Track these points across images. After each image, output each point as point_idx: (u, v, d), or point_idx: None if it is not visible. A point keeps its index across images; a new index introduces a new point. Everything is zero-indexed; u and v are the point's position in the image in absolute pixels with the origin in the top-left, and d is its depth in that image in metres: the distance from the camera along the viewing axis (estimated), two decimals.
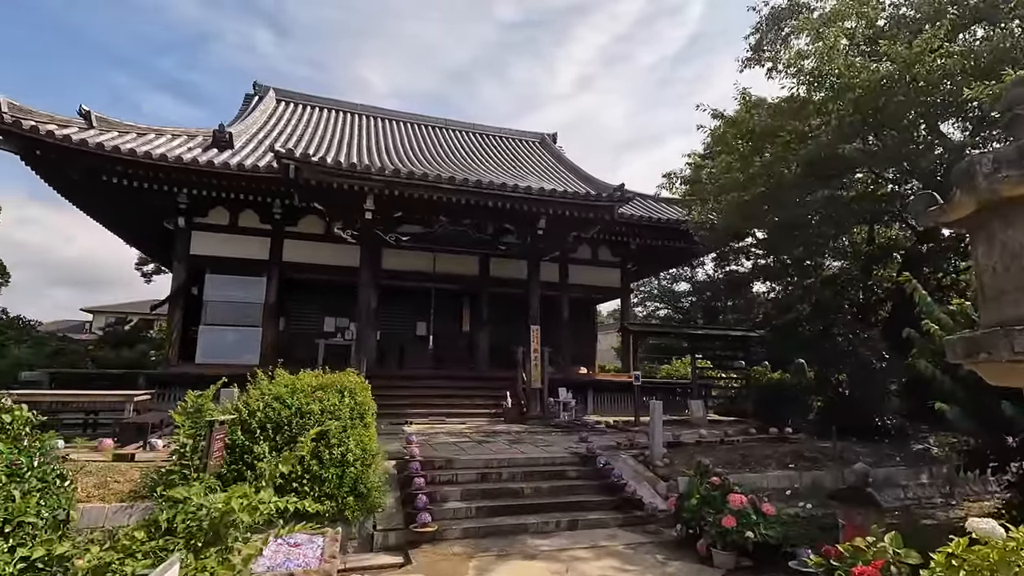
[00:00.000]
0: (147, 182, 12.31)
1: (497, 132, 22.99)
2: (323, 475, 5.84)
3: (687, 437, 10.07)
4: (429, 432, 10.72)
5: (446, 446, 8.96)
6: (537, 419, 12.64)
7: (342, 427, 6.14)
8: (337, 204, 11.93)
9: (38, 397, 8.10)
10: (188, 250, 13.99)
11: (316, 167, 10.63)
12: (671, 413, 15.38)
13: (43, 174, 12.02)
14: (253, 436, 5.82)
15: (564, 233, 13.62)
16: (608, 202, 12.45)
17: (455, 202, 11.64)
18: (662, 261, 19.05)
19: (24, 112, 11.15)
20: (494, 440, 9.80)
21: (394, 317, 17.51)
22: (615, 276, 17.83)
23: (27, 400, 8.58)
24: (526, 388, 13.26)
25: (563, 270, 17.03)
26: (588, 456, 8.21)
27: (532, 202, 12.07)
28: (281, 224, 14.67)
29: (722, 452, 9.06)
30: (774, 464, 8.58)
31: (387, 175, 11.02)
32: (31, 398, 8.48)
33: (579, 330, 18.84)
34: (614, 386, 15.76)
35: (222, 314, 14.17)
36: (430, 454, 8.05)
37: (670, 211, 16.80)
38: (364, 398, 6.58)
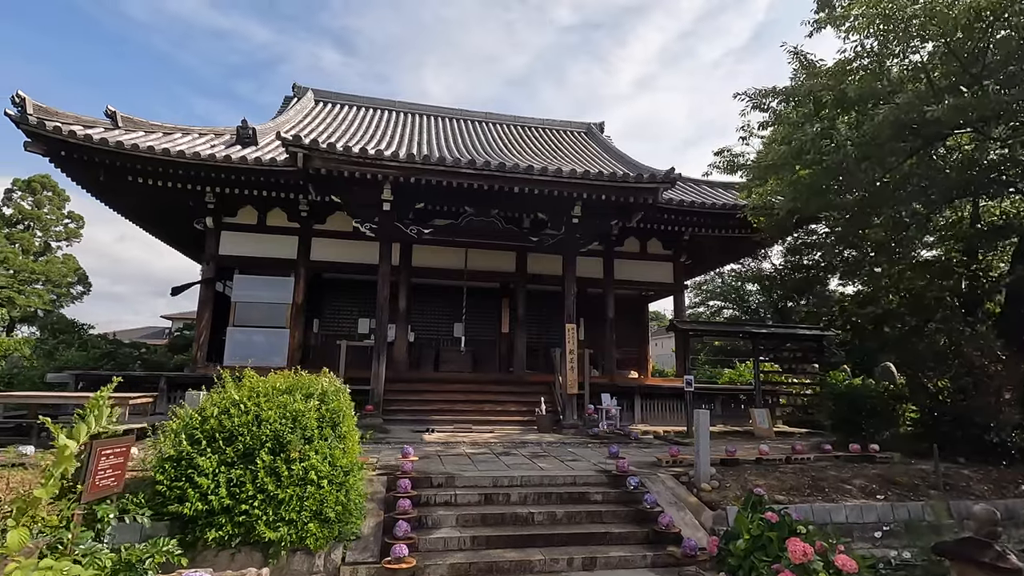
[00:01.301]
0: (170, 180, 12.10)
1: (540, 124, 21.82)
2: (280, 496, 4.90)
3: (745, 453, 8.48)
4: (449, 441, 9.71)
5: (458, 459, 7.88)
6: (573, 428, 11.34)
7: (305, 438, 5.19)
8: (354, 195, 11.19)
9: (17, 399, 7.74)
10: (217, 250, 13.75)
11: (325, 154, 9.90)
12: (731, 423, 13.65)
13: (72, 176, 12.06)
14: (200, 448, 4.97)
15: (603, 221, 12.26)
16: (650, 184, 11.01)
17: (476, 188, 10.60)
18: (720, 253, 17.16)
19: (50, 114, 11.16)
20: (515, 453, 8.63)
21: (427, 317, 16.76)
22: (666, 271, 16.18)
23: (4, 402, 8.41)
24: (562, 394, 11.98)
25: (607, 265, 15.62)
26: (618, 475, 6.88)
27: (563, 186, 10.83)
28: (309, 222, 14.19)
29: (787, 474, 7.44)
30: (855, 491, 6.89)
31: (401, 160, 10.14)
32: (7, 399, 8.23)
33: (627, 330, 17.36)
34: (666, 392, 14.16)
35: (250, 315, 13.83)
36: (433, 468, 7.00)
37: (726, 196, 15.02)
38: (339, 404, 5.61)
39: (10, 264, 32.33)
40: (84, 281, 36.27)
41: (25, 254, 33.79)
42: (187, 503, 4.73)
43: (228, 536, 4.74)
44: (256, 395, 5.36)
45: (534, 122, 21.71)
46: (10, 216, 34.03)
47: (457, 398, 12.46)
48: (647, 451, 9.30)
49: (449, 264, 14.75)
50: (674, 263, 16.14)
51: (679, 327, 12.66)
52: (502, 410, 12.29)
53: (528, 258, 15.12)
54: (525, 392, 13.10)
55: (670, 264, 16.18)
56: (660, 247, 16.17)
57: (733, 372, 19.02)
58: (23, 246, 33.95)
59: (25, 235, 34.26)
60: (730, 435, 12.13)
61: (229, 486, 4.85)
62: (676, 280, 16.10)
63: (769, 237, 13.29)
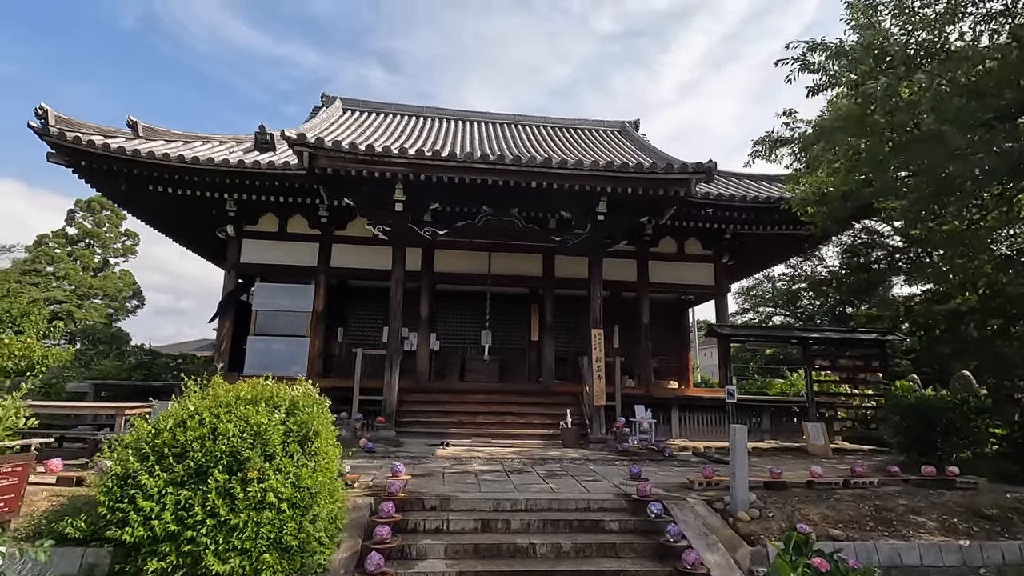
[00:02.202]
0: (188, 188, 12.02)
1: (571, 124, 21.02)
2: (232, 521, 4.28)
3: (795, 474, 7.35)
4: (462, 457, 8.97)
5: (462, 477, 7.13)
6: (601, 444, 10.39)
7: (266, 455, 4.56)
8: (366, 197, 10.74)
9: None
10: (238, 258, 13.62)
11: (331, 152, 9.47)
12: (782, 439, 12.34)
13: (96, 186, 12.17)
14: (147, 464, 4.42)
15: (631, 219, 11.34)
16: (681, 175, 10.03)
17: (491, 185, 9.92)
18: (766, 253, 15.82)
19: (72, 125, 11.26)
20: (529, 471, 7.79)
21: (452, 325, 16.15)
22: (706, 272, 14.98)
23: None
24: (590, 405, 11.05)
25: (641, 267, 14.60)
26: (639, 500, 5.95)
27: (585, 179, 10.00)
28: (329, 228, 13.88)
29: (845, 501, 6.29)
30: (931, 526, 5.70)
31: (410, 156, 9.59)
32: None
33: (665, 337, 16.20)
34: (708, 404, 12.97)
35: (271, 324, 13.59)
36: (430, 489, 6.27)
37: (771, 189, 13.76)
38: (310, 416, 4.97)
39: (71, 280, 34.08)
40: (138, 295, 37.88)
41: (85, 270, 35.60)
42: (128, 528, 4.18)
43: (171, 567, 4.15)
44: (218, 406, 4.80)
45: (565, 122, 20.94)
46: (72, 235, 35.98)
47: (478, 409, 11.72)
48: (680, 470, 8.27)
49: (473, 269, 14.10)
50: (715, 264, 14.93)
51: (718, 332, 11.50)
52: (525, 423, 11.46)
53: (555, 261, 14.31)
54: (551, 403, 12.24)
55: (710, 265, 14.98)
56: (699, 247, 15.01)
57: (785, 383, 17.48)
58: (84, 263, 35.76)
59: (85, 252, 36.10)
60: (780, 452, 10.87)
61: (176, 509, 4.27)
62: (718, 282, 14.88)
63: (821, 232, 11.95)
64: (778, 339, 12.85)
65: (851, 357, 12.75)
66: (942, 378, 10.22)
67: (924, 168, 7.94)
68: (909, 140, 7.68)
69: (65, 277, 33.96)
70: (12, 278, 30.86)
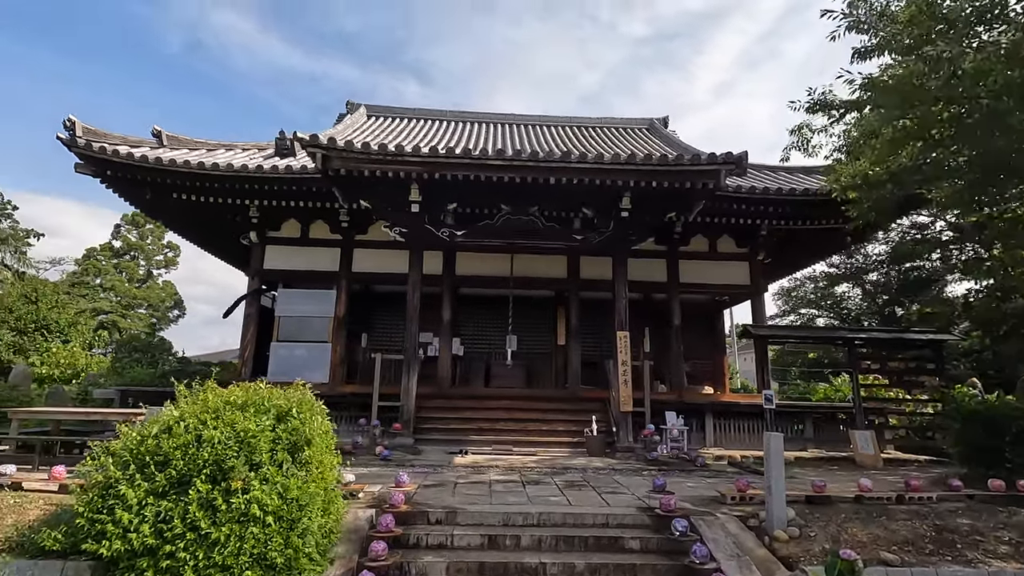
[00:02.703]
0: (210, 195, 12.11)
1: (597, 123, 20.49)
2: (214, 535, 3.99)
3: (840, 488, 6.66)
4: (481, 466, 8.58)
5: (475, 488, 6.73)
6: (629, 452, 9.83)
7: (252, 464, 4.27)
8: (382, 198, 10.53)
9: (44, 415, 7.51)
10: (262, 264, 13.65)
11: (344, 153, 9.29)
12: (827, 448, 11.48)
13: (122, 195, 12.36)
14: (128, 473, 4.18)
15: (656, 215, 10.78)
16: (708, 166, 9.43)
17: (508, 182, 9.54)
18: (806, 249, 14.91)
19: (98, 136, 11.46)
20: (548, 482, 7.33)
21: (476, 330, 15.83)
22: (742, 272, 14.20)
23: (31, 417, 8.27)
24: (616, 411, 10.50)
25: (672, 266, 13.95)
26: (664, 516, 5.42)
27: (606, 173, 9.52)
28: (350, 232, 13.77)
29: (899, 519, 5.60)
30: (1004, 551, 4.97)
31: (423, 155, 9.31)
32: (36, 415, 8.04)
33: (699, 340, 15.48)
34: (744, 410, 12.21)
35: (294, 330, 13.53)
36: (438, 500, 5.89)
37: (809, 181, 12.93)
38: (298, 423, 4.65)
39: (117, 291, 35.40)
40: (179, 305, 39.04)
41: (130, 282, 36.94)
42: (105, 541, 3.94)
43: None
44: (205, 411, 4.54)
45: (591, 121, 20.43)
46: (118, 248, 37.42)
47: (500, 416, 11.32)
48: (711, 482, 7.65)
49: (495, 271, 13.74)
50: (750, 263, 14.15)
51: (754, 333, 10.77)
52: (548, 430, 10.99)
53: (580, 262, 13.82)
54: (577, 410, 11.73)
55: (745, 264, 14.20)
56: (733, 245, 14.27)
57: (829, 387, 16.44)
58: (129, 274, 37.13)
59: (131, 264, 37.48)
60: (824, 462, 10.08)
61: (156, 521, 4.01)
62: (754, 282, 14.08)
63: (865, 225, 11.12)
64: (820, 340, 12.00)
65: (902, 359, 11.80)
66: (1007, 381, 9.28)
67: (981, 146, 7.16)
68: (966, 114, 6.93)
69: (111, 288, 35.29)
70: (61, 290, 32.21)
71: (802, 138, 10.22)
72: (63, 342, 24.95)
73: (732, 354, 35.66)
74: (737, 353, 38.34)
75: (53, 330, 26.16)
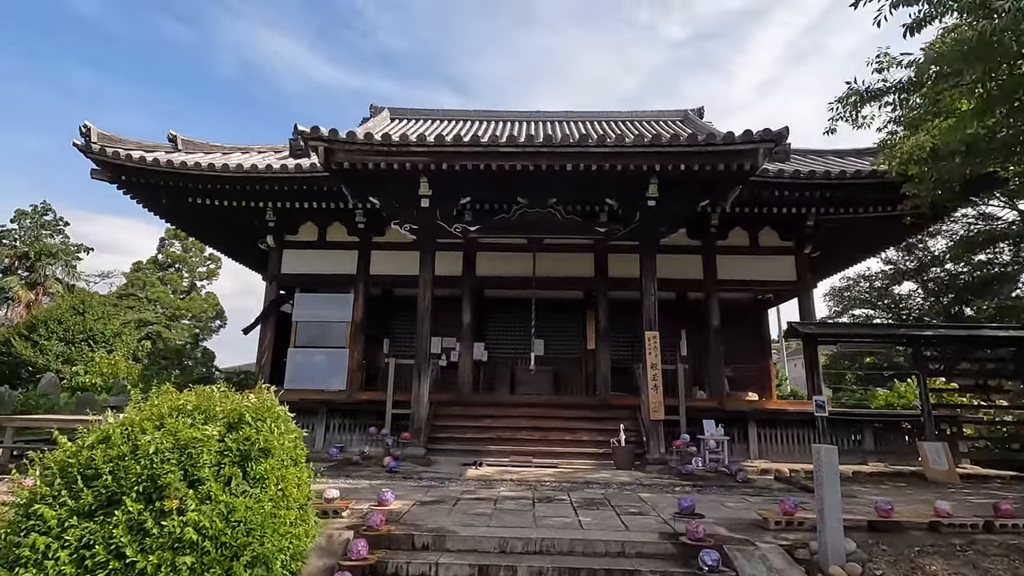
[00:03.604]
0: (225, 198, 11.90)
1: (628, 116, 19.51)
2: (140, 565, 3.38)
3: (911, 511, 5.58)
4: (493, 479, 7.84)
5: (478, 506, 5.97)
6: (660, 464, 8.87)
7: (191, 480, 3.66)
8: (390, 194, 10.01)
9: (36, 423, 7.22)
10: (279, 269, 13.36)
11: (347, 145, 8.78)
12: (890, 461, 10.19)
13: (140, 200, 12.29)
14: (54, 490, 3.64)
15: (687, 203, 9.81)
16: (744, 145, 8.45)
17: (522, 171, 8.81)
18: (859, 241, 13.54)
19: (114, 141, 11.41)
20: (562, 499, 6.51)
21: (500, 334, 15.12)
22: (786, 267, 12.96)
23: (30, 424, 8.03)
24: (645, 420, 9.56)
25: (708, 262, 12.88)
26: (692, 545, 4.52)
27: (628, 157, 8.67)
28: (367, 234, 13.33)
29: (991, 555, 4.52)
30: None
31: (430, 144, 8.70)
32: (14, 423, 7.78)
33: (741, 342, 14.30)
34: (793, 419, 11.02)
35: (311, 335, 13.14)
36: (431, 521, 5.18)
37: (860, 164, 11.67)
38: (255, 432, 4.03)
39: (162, 302, 36.51)
40: (221, 316, 39.96)
41: (175, 293, 38.07)
42: (19, 569, 3.39)
43: None
44: (149, 418, 3.98)
45: (621, 115, 19.48)
46: (162, 261, 38.67)
47: (521, 424, 10.53)
48: (754, 501, 6.65)
49: (518, 272, 12.97)
50: (796, 257, 12.90)
51: (802, 331, 9.59)
52: (572, 439, 10.13)
53: (609, 260, 12.92)
54: (605, 418, 10.82)
55: (790, 258, 12.96)
56: (776, 238, 13.06)
57: (890, 393, 14.88)
58: (173, 286, 38.27)
59: (175, 276, 38.64)
60: (888, 478, 8.84)
61: (78, 547, 3.44)
62: (800, 278, 12.82)
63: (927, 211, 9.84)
64: (879, 340, 10.67)
65: (977, 360, 10.37)
66: None
67: None
68: None
69: (156, 300, 36.41)
70: (109, 302, 33.43)
71: (850, 108, 9.08)
72: (108, 352, 25.63)
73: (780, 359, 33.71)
74: (786, 358, 36.19)
75: (99, 340, 26.95)
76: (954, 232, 20.21)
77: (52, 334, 25.56)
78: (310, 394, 12.01)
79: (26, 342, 24.43)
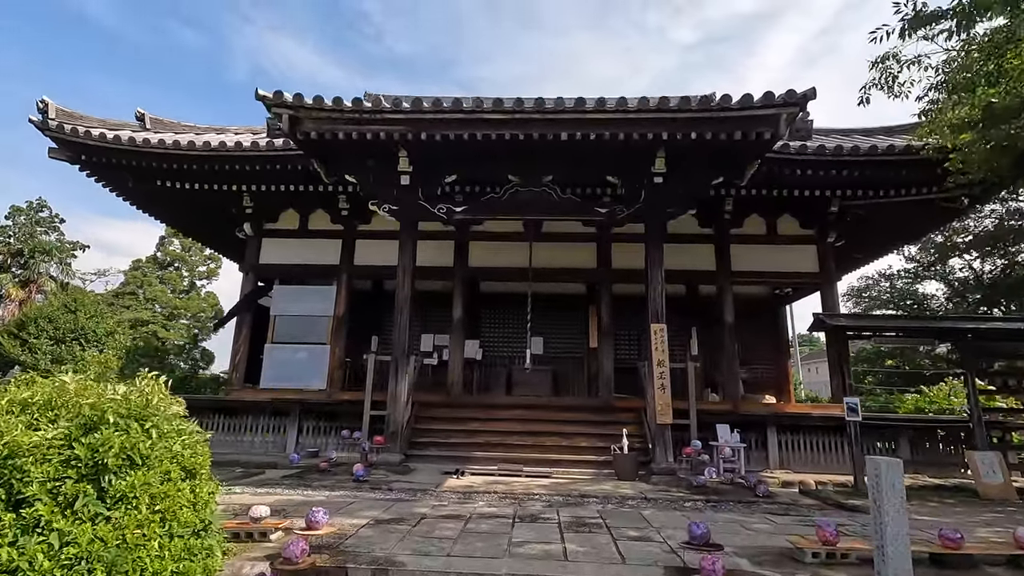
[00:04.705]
0: (194, 180, 10.99)
1: None
2: None
3: (982, 537, 4.45)
4: (474, 491, 6.78)
5: (443, 525, 4.92)
6: (668, 475, 7.76)
7: (14, 500, 2.65)
8: (369, 171, 9.04)
9: None
10: (257, 259, 12.42)
11: (313, 112, 7.80)
12: (929, 473, 9.02)
13: (105, 183, 11.41)
14: None
15: (699, 180, 8.74)
16: (765, 109, 7.37)
17: (511, 140, 7.80)
18: (887, 230, 12.33)
19: (74, 118, 10.53)
20: (547, 518, 5.44)
21: (496, 331, 14.09)
22: (808, 257, 11.80)
23: None
24: (651, 424, 8.46)
25: (721, 251, 11.76)
26: None
27: (632, 125, 7.64)
28: (351, 222, 12.34)
29: None
30: None
31: (406, 110, 7.71)
32: None
33: (755, 341, 13.16)
34: (817, 424, 9.85)
35: (290, 330, 12.16)
36: (374, 546, 4.14)
37: (893, 142, 10.52)
38: (122, 434, 3.01)
39: (159, 301, 35.87)
40: (219, 315, 39.23)
41: (174, 292, 37.41)
42: None
43: None
44: None
45: None
46: (162, 260, 38.05)
47: (513, 429, 9.46)
48: (781, 522, 5.53)
49: (513, 263, 11.94)
50: (818, 246, 11.73)
51: (830, 323, 8.42)
52: (569, 446, 9.04)
53: (612, 250, 11.85)
54: (607, 422, 9.73)
55: (811, 248, 11.80)
56: (796, 225, 11.92)
57: (920, 398, 13.65)
58: (173, 285, 37.63)
59: (174, 275, 38.00)
60: (931, 493, 7.68)
61: None
62: (823, 269, 11.65)
63: (976, 188, 8.70)
64: (919, 333, 9.46)
65: None
66: None
67: None
68: None
69: (154, 299, 35.77)
70: (105, 300, 32.81)
71: (887, 73, 7.97)
72: (100, 351, 24.89)
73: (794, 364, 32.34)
74: (800, 363, 34.76)
75: (91, 339, 26.22)
76: (984, 228, 19.02)
77: (42, 332, 24.81)
78: (286, 393, 11.05)
79: (15, 340, 23.69)
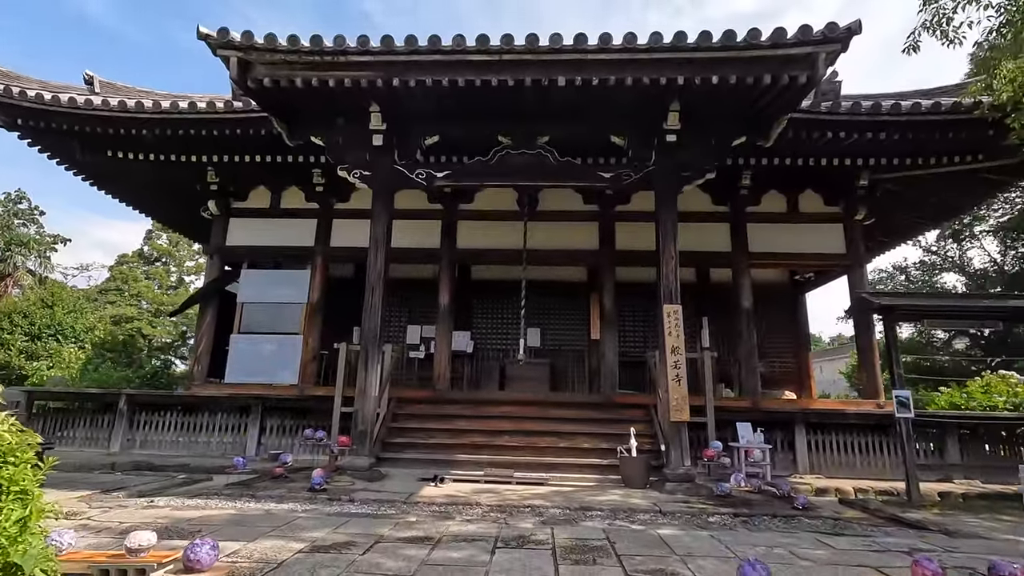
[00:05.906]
0: (150, 151, 9.86)
1: None
2: None
3: None
4: (455, 502, 5.60)
5: (401, 553, 3.74)
6: (685, 482, 6.57)
7: None
8: (337, 130, 7.85)
9: None
10: (224, 240, 11.27)
11: (266, 54, 6.60)
12: (981, 478, 7.86)
13: (50, 153, 10.22)
14: None
15: (719, 138, 7.56)
16: (799, 47, 6.19)
17: (498, 88, 6.61)
18: (921, 205, 11.14)
19: (10, 78, 9.36)
20: (542, 539, 4.24)
21: (490, 321, 12.93)
22: (833, 237, 10.58)
23: None
24: (663, 423, 7.28)
25: (737, 230, 10.58)
26: None
27: (643, 68, 6.44)
28: (328, 199, 11.16)
29: None
30: None
31: (375, 50, 6.51)
32: None
33: (772, 333, 12.01)
34: (852, 422, 8.66)
35: (259, 319, 10.97)
36: None
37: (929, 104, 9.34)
38: None
39: (143, 297, 34.66)
40: None
41: (160, 288, 36.19)
42: None
43: None
44: None
45: None
46: (148, 254, 36.85)
47: (503, 428, 8.27)
48: (838, 546, 4.33)
49: (508, 244, 10.76)
50: (845, 225, 10.53)
51: (876, 304, 7.15)
52: (568, 447, 7.84)
53: (616, 230, 10.67)
54: (611, 420, 8.54)
55: (838, 227, 10.59)
56: (820, 202, 10.73)
57: (955, 393, 12.43)
58: (159, 281, 36.42)
59: (160, 271, 36.80)
60: (997, 503, 6.50)
61: None
62: (851, 250, 10.44)
63: None
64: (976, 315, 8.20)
65: None
66: None
67: None
68: None
69: (139, 295, 34.57)
70: (88, 296, 31.61)
71: (938, 14, 6.80)
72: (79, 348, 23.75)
73: None
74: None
75: (69, 335, 25.08)
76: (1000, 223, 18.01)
77: (16, 328, 23.66)
78: (250, 388, 9.90)
79: None
